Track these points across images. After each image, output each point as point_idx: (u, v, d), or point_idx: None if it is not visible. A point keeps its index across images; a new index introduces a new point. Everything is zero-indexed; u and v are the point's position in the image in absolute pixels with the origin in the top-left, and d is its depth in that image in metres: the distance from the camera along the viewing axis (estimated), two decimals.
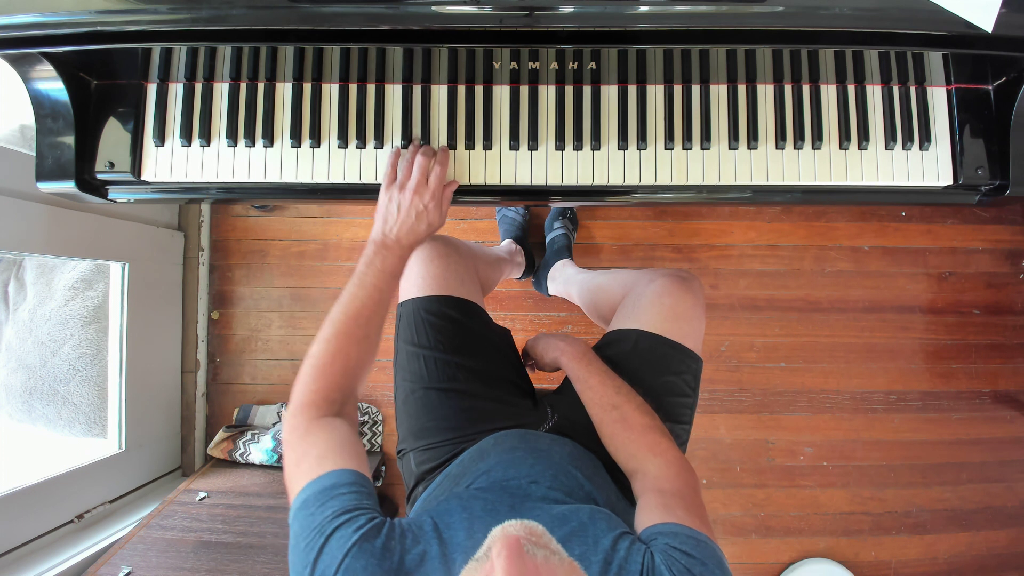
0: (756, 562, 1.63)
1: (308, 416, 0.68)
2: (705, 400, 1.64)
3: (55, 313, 1.34)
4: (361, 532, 0.52)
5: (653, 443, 0.73)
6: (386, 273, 0.76)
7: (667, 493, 0.65)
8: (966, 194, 0.84)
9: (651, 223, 1.65)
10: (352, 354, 0.72)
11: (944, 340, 1.66)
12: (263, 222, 1.65)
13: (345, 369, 0.71)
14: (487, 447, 0.75)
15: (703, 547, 0.54)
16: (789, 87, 0.82)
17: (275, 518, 1.25)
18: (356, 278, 0.75)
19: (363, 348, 0.73)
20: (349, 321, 0.73)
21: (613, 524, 0.57)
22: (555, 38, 0.74)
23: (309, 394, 0.69)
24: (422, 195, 0.77)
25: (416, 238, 0.78)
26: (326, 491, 0.56)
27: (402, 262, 0.78)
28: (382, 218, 0.79)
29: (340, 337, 0.72)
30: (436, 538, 0.54)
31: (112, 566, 1.09)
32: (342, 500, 0.55)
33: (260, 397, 1.65)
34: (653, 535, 0.56)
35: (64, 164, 0.79)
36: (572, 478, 0.68)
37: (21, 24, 0.66)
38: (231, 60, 0.81)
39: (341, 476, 0.58)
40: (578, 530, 0.55)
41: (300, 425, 0.67)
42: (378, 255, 0.76)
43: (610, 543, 0.54)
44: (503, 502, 0.59)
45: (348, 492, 0.56)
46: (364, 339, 0.73)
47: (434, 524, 0.56)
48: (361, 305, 0.73)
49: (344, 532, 0.52)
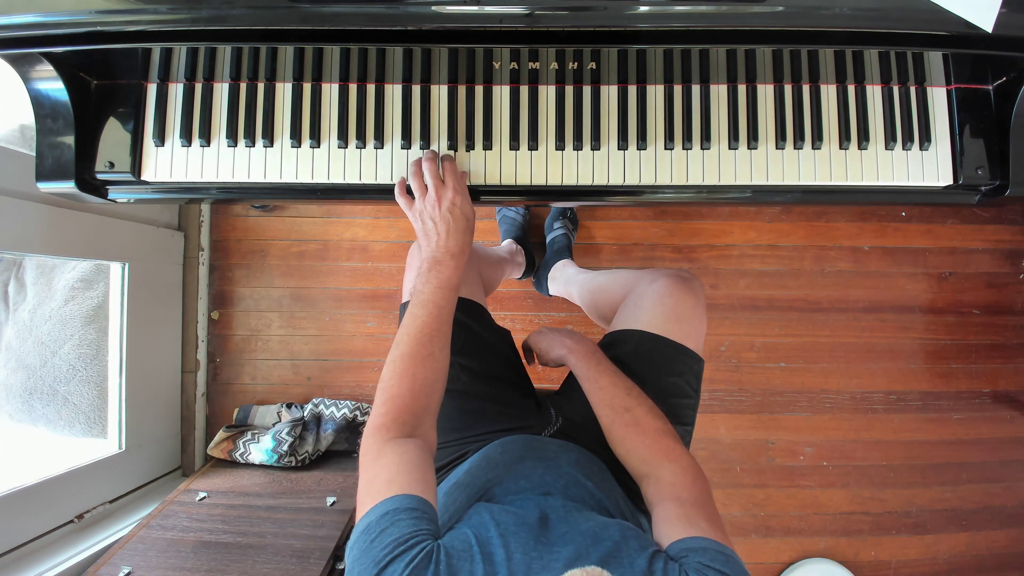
0: (756, 562, 1.63)
1: (380, 438, 0.67)
2: (705, 400, 1.64)
3: (55, 313, 1.34)
4: (412, 566, 0.52)
5: (667, 448, 0.73)
6: (443, 288, 0.75)
7: (686, 503, 0.64)
8: (966, 194, 0.84)
9: (651, 223, 1.65)
10: (419, 375, 0.72)
11: (944, 340, 1.66)
12: (263, 222, 1.65)
13: (412, 390, 0.71)
14: (494, 456, 0.74)
15: (732, 563, 0.54)
16: (789, 87, 0.82)
17: (275, 518, 1.25)
18: (415, 298, 0.76)
19: (429, 367, 0.73)
20: (412, 342, 0.73)
21: (643, 542, 0.57)
22: (555, 38, 0.74)
23: (379, 417, 0.69)
24: (444, 196, 0.77)
25: (460, 239, 0.77)
26: (387, 516, 0.56)
27: (457, 272, 0.77)
28: (423, 238, 0.79)
29: (405, 359, 0.72)
30: (481, 557, 0.54)
31: (112, 566, 1.09)
32: (400, 527, 0.55)
33: (260, 397, 1.65)
34: (683, 552, 0.56)
35: (64, 164, 0.79)
36: (582, 487, 0.68)
37: (21, 24, 0.66)
38: (231, 60, 0.81)
39: (404, 501, 0.58)
40: (613, 551, 0.55)
41: (373, 447, 0.67)
42: (432, 271, 0.76)
43: (645, 564, 0.54)
44: (530, 515, 0.60)
45: (408, 518, 0.56)
46: (429, 358, 0.73)
47: (477, 540, 0.56)
48: (423, 324, 0.73)
49: (396, 567, 0.52)
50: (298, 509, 1.28)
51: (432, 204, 0.77)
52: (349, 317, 1.64)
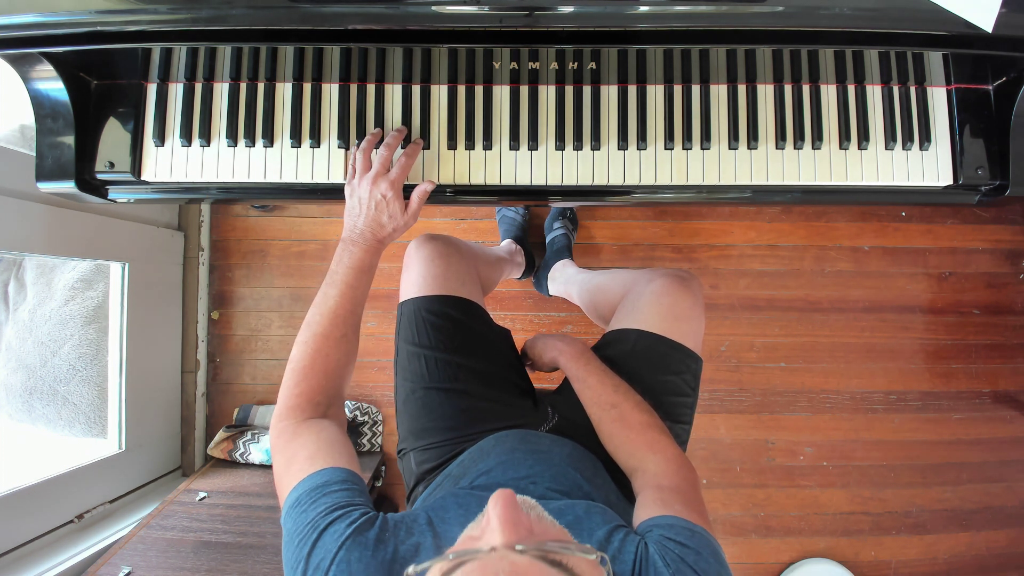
0: (756, 562, 1.63)
1: (294, 419, 0.68)
2: (705, 400, 1.64)
3: (55, 313, 1.34)
4: (355, 526, 0.52)
5: (652, 441, 0.73)
6: (355, 269, 0.75)
7: (665, 489, 0.65)
8: (966, 194, 0.84)
9: (651, 223, 1.65)
10: (331, 355, 0.71)
11: (944, 340, 1.66)
12: (263, 222, 1.65)
13: (326, 370, 0.71)
14: (487, 447, 0.75)
15: (698, 537, 0.54)
16: (789, 87, 0.82)
17: (275, 518, 1.25)
18: (328, 277, 0.75)
19: (342, 348, 0.72)
20: (324, 321, 0.72)
21: (608, 518, 0.57)
22: (555, 38, 0.74)
23: (292, 398, 0.69)
24: (379, 184, 0.75)
25: (380, 230, 0.77)
26: (318, 488, 0.56)
27: (369, 256, 0.76)
28: (346, 213, 0.78)
29: (317, 339, 0.72)
30: (430, 531, 0.54)
31: (112, 566, 1.09)
32: (334, 496, 0.55)
33: (260, 397, 1.65)
34: (648, 527, 0.56)
35: (64, 164, 0.79)
36: (571, 479, 0.68)
37: (21, 24, 0.66)
38: (231, 60, 0.81)
39: (333, 474, 0.58)
40: (573, 523, 0.55)
41: (287, 429, 0.67)
42: (345, 251, 0.76)
43: (604, 535, 0.54)
44: None
45: (340, 489, 0.56)
46: (342, 339, 0.72)
47: (428, 518, 0.56)
48: (335, 304, 0.73)
49: (337, 527, 0.52)
50: None
51: (366, 185, 0.76)
52: None
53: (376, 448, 1.60)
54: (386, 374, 1.63)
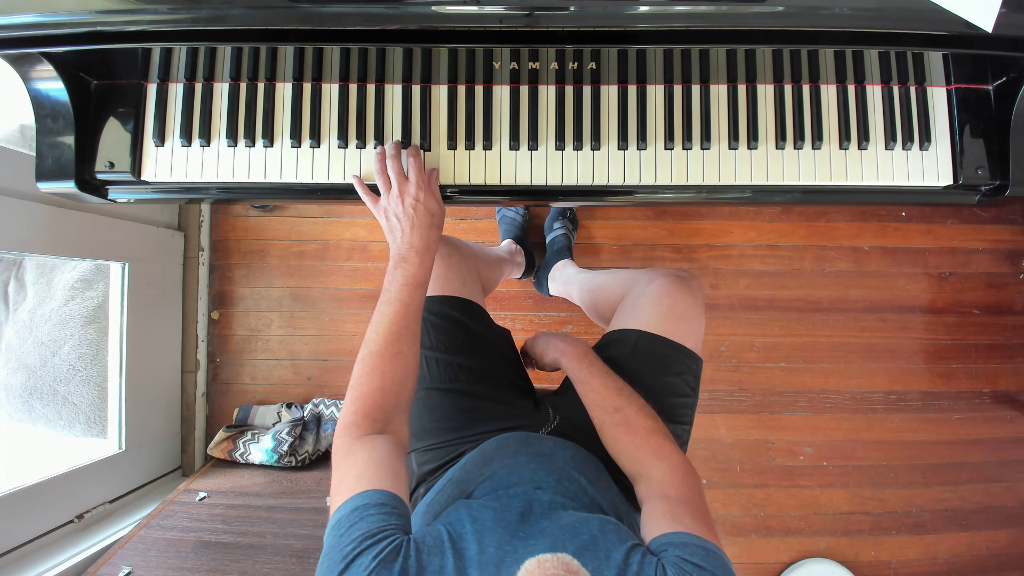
0: (756, 562, 1.63)
1: (350, 436, 0.68)
2: (705, 400, 1.64)
3: (55, 313, 1.34)
4: (379, 559, 0.52)
5: (657, 447, 0.73)
6: (408, 285, 0.75)
7: (673, 500, 0.65)
8: (966, 194, 0.84)
9: (651, 223, 1.65)
10: (387, 372, 0.72)
11: (944, 340, 1.66)
12: (263, 222, 1.65)
13: (382, 388, 0.71)
14: (490, 451, 0.75)
15: (712, 557, 0.54)
16: (789, 87, 0.82)
17: (275, 518, 1.25)
18: (382, 295, 0.76)
19: (397, 365, 0.73)
20: (380, 339, 0.73)
21: (623, 536, 0.57)
22: (555, 38, 0.74)
23: (350, 415, 0.70)
24: (407, 192, 0.76)
25: (426, 235, 0.77)
26: (357, 511, 0.56)
27: (423, 270, 0.77)
28: (388, 235, 0.79)
29: (373, 357, 0.72)
30: (452, 551, 0.54)
31: (112, 566, 1.09)
32: (369, 522, 0.55)
33: (260, 397, 1.65)
34: (663, 546, 0.56)
35: (64, 164, 0.79)
36: (576, 483, 0.68)
37: (21, 24, 0.66)
38: (231, 60, 0.81)
39: (373, 496, 0.58)
40: (590, 544, 0.55)
41: (344, 446, 0.67)
42: (398, 268, 0.76)
43: (622, 557, 0.54)
44: (512, 510, 0.60)
45: (377, 513, 0.56)
46: (397, 356, 0.73)
47: (449, 535, 0.56)
48: (390, 322, 0.74)
49: (363, 560, 0.52)
50: (298, 509, 1.28)
51: (396, 200, 0.76)
52: (349, 317, 1.64)
53: None
54: None
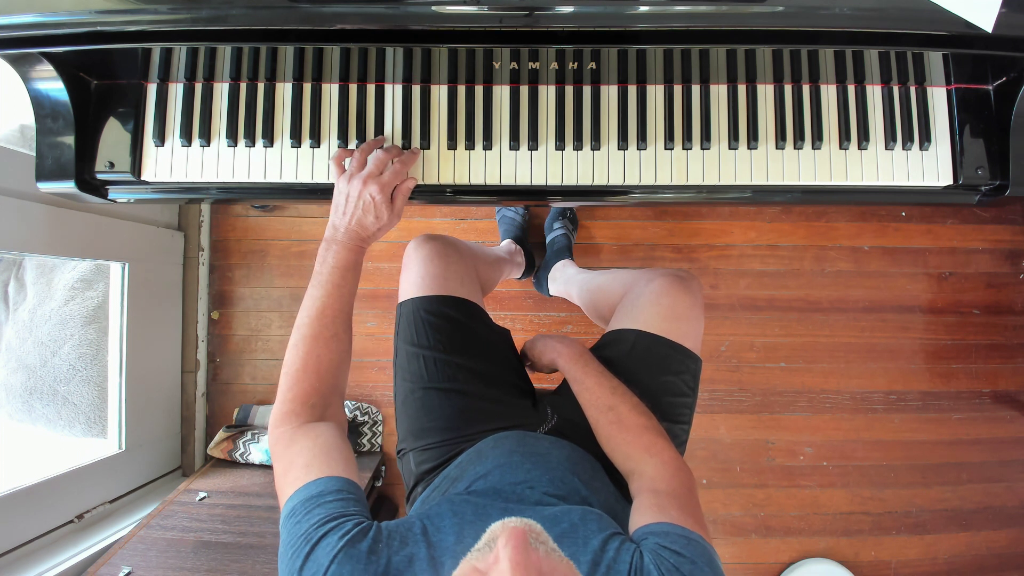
0: (756, 562, 1.63)
1: (291, 425, 0.67)
2: (705, 400, 1.64)
3: (55, 313, 1.34)
4: (347, 538, 0.51)
5: (649, 444, 0.73)
6: (339, 268, 0.74)
7: (662, 493, 0.65)
8: (966, 194, 0.84)
9: (651, 223, 1.65)
10: (323, 356, 0.71)
11: (944, 340, 1.66)
12: (263, 222, 1.65)
13: (319, 372, 0.70)
14: (485, 450, 0.75)
15: (693, 545, 0.54)
16: (789, 87, 0.82)
17: (275, 518, 1.25)
18: (313, 279, 0.74)
19: (333, 348, 0.72)
20: (313, 323, 0.72)
21: (604, 525, 0.57)
22: (555, 38, 0.74)
23: (287, 403, 0.69)
24: (369, 185, 0.75)
25: (365, 232, 0.76)
26: (313, 499, 0.56)
27: (354, 255, 0.75)
28: (332, 210, 0.77)
29: (307, 341, 0.71)
30: (424, 541, 0.54)
31: (112, 566, 1.09)
32: (328, 507, 0.55)
33: (260, 397, 1.65)
34: (644, 535, 0.56)
35: (64, 164, 0.79)
36: (569, 483, 0.67)
37: (21, 24, 0.66)
38: (231, 60, 0.81)
39: (328, 483, 0.57)
40: (569, 531, 0.55)
41: (284, 435, 0.66)
42: (329, 250, 0.75)
43: (599, 543, 0.54)
44: (495, 506, 0.59)
45: (335, 499, 0.56)
46: (332, 339, 0.72)
47: (423, 527, 0.55)
48: (323, 305, 0.72)
49: (330, 539, 0.52)
50: None
51: (357, 184, 0.75)
52: None
53: (376, 448, 1.60)
54: (386, 374, 1.63)
